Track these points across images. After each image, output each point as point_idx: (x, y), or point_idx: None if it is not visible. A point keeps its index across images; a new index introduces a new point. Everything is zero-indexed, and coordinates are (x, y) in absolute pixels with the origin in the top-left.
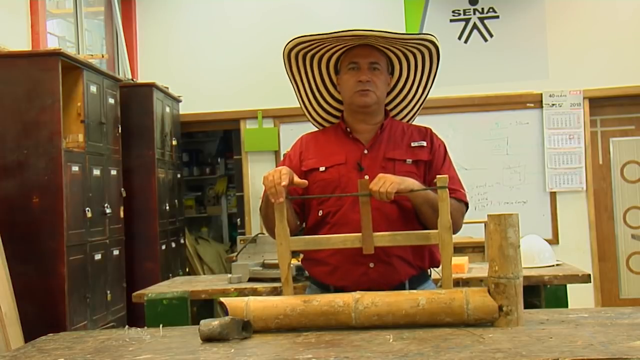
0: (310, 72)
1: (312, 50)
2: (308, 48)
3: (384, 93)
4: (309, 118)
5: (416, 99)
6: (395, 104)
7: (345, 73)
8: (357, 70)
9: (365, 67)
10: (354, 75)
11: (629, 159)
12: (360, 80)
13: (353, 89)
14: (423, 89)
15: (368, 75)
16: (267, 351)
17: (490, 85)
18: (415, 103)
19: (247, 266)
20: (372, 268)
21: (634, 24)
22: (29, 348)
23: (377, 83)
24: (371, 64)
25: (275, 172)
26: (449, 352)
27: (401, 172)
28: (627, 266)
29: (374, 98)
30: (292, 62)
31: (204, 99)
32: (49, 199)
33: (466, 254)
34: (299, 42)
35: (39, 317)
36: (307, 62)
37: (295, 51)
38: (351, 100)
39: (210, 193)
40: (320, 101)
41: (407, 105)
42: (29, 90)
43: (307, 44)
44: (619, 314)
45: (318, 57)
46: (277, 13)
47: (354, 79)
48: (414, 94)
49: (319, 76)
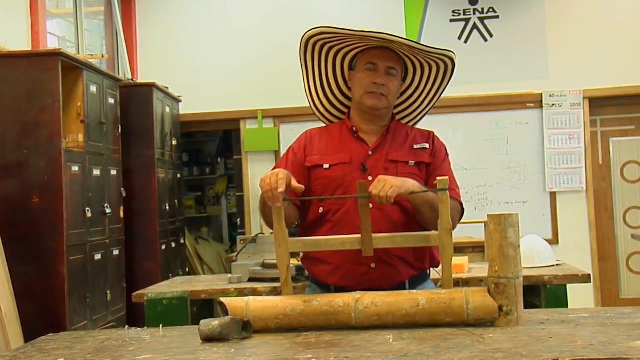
0: (324, 63)
1: (331, 43)
2: (329, 40)
3: (395, 99)
4: (313, 109)
5: (421, 109)
6: (401, 110)
7: (361, 72)
8: (374, 72)
9: (382, 69)
10: (370, 75)
11: (629, 159)
12: (375, 82)
13: (366, 89)
14: (430, 101)
15: (384, 79)
16: (267, 351)
17: (490, 85)
18: (420, 112)
19: (247, 266)
20: (373, 268)
21: (634, 23)
22: (29, 348)
23: (391, 88)
24: (389, 68)
25: (272, 175)
26: (449, 352)
27: (403, 174)
28: (627, 266)
29: (385, 103)
30: (308, 50)
31: (204, 99)
32: (49, 199)
33: (466, 254)
34: (322, 32)
35: (39, 317)
36: (322, 53)
37: (315, 40)
38: (361, 100)
39: (210, 193)
40: (328, 94)
41: (412, 113)
42: (29, 90)
43: (330, 36)
44: (619, 314)
45: (335, 51)
46: (277, 13)
47: (370, 79)
48: (421, 103)
49: (332, 69)
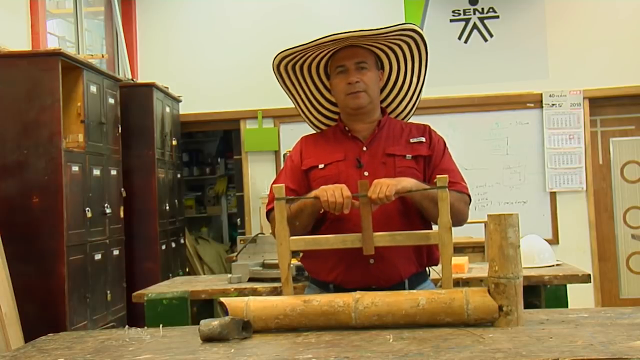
0: (303, 82)
1: (299, 61)
2: (295, 59)
3: (376, 90)
4: (309, 124)
5: (412, 91)
6: (392, 99)
7: (335, 77)
8: (345, 73)
9: (352, 68)
10: (343, 78)
11: (629, 159)
12: (349, 83)
13: (344, 92)
14: (417, 80)
15: (356, 76)
16: (267, 351)
17: (490, 85)
18: (411, 95)
19: (247, 266)
20: (372, 265)
21: (634, 23)
22: (29, 348)
23: (367, 82)
24: (358, 64)
25: (335, 188)
26: (449, 352)
27: (401, 168)
28: (627, 266)
29: (366, 98)
30: (284, 75)
31: (204, 99)
32: (49, 199)
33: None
34: (284, 55)
35: (39, 317)
36: (297, 73)
37: (284, 64)
38: (344, 103)
39: (210, 193)
40: (317, 107)
41: (404, 99)
42: (29, 90)
43: (292, 56)
44: (619, 314)
45: (307, 66)
46: (277, 13)
47: (344, 82)
48: (409, 85)
49: (312, 84)
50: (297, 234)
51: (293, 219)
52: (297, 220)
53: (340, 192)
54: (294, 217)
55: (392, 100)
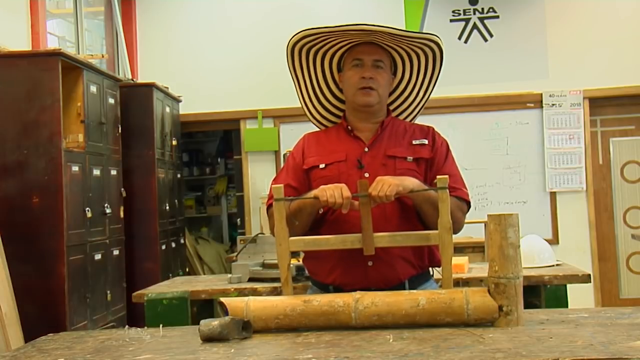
0: (312, 69)
1: (316, 45)
2: (313, 42)
3: (386, 92)
4: (309, 116)
5: (417, 101)
6: (397, 105)
7: (349, 70)
8: (360, 67)
9: (369, 64)
10: (357, 72)
11: (629, 159)
12: (363, 77)
13: (356, 85)
14: (425, 92)
15: (372, 73)
16: (267, 351)
17: (490, 85)
18: (416, 105)
19: (247, 266)
20: (370, 267)
21: (634, 23)
22: (29, 348)
23: (380, 81)
24: (375, 62)
25: (335, 188)
26: (449, 352)
27: (401, 170)
28: (627, 266)
29: (377, 97)
30: (295, 58)
31: (204, 99)
32: (49, 199)
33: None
34: (306, 34)
35: (39, 317)
36: (310, 58)
37: (300, 45)
38: (353, 98)
39: (210, 193)
40: (322, 100)
41: (408, 107)
42: (29, 90)
43: (314, 37)
44: (619, 314)
45: (322, 53)
46: (278, 13)
47: (358, 75)
48: (416, 95)
49: (322, 74)
50: (296, 233)
51: (292, 217)
52: (297, 219)
53: (340, 192)
54: (294, 215)
55: (398, 106)
